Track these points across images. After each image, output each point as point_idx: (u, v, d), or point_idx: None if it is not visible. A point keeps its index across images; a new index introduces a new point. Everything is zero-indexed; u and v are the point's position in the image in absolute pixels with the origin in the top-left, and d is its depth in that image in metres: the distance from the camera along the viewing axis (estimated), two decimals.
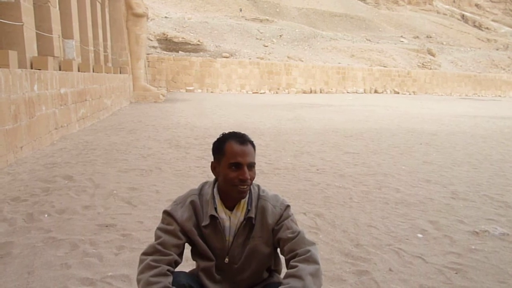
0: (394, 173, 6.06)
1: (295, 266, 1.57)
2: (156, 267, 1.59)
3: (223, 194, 1.71)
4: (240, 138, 1.69)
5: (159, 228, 1.72)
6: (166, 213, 1.73)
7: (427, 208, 4.42)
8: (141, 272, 1.61)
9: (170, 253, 1.65)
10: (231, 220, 1.71)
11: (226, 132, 1.76)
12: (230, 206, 1.71)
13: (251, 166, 1.66)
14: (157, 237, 1.70)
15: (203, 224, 1.70)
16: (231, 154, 1.65)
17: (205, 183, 1.81)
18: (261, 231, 1.69)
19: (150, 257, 1.63)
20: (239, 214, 1.71)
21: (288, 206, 1.75)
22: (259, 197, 1.74)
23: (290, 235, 1.67)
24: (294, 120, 13.07)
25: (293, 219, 1.75)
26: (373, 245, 3.36)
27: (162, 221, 1.73)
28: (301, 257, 1.61)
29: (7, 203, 4.20)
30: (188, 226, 1.70)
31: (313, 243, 1.68)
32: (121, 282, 2.68)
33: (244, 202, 1.71)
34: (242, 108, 17.37)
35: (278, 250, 1.79)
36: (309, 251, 1.62)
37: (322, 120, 13.26)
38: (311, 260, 1.60)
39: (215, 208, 1.70)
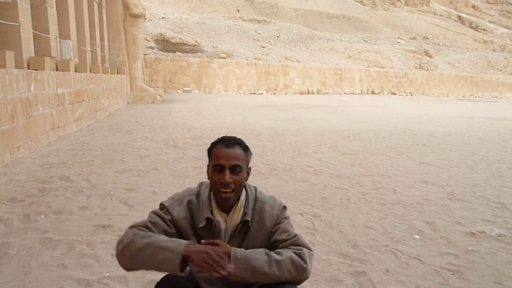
0: (391, 174, 6.08)
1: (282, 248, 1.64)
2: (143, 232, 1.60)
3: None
4: (228, 141, 1.68)
5: (154, 212, 1.72)
6: (163, 205, 1.74)
7: (424, 209, 4.43)
8: (124, 236, 1.58)
9: (147, 229, 1.64)
10: (227, 222, 1.70)
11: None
12: (226, 209, 1.71)
13: (235, 169, 1.63)
14: (150, 218, 1.69)
15: (200, 225, 1.70)
16: (215, 157, 1.66)
17: (202, 183, 1.81)
18: (257, 232, 1.69)
19: (139, 228, 1.62)
20: (235, 217, 1.70)
21: (284, 207, 1.76)
22: (256, 199, 1.74)
23: (285, 237, 1.67)
24: (292, 121, 13.07)
25: (289, 221, 1.75)
26: (370, 246, 3.36)
27: (159, 209, 1.74)
28: (292, 248, 1.63)
29: (3, 203, 4.18)
30: (183, 225, 1.70)
31: (309, 247, 1.68)
32: (118, 283, 2.67)
33: (241, 205, 1.70)
34: (239, 108, 17.37)
35: None
36: (301, 249, 1.63)
37: (319, 121, 13.27)
38: (301, 256, 1.61)
39: (211, 211, 1.70)
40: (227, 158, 1.64)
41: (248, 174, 1.73)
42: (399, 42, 48.01)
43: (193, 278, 1.77)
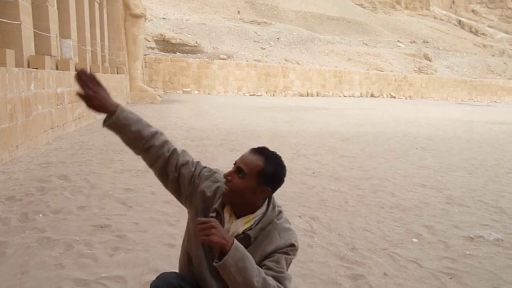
0: (389, 177, 6.08)
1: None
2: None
3: None
4: (256, 148, 1.67)
5: (199, 163, 1.80)
6: (204, 171, 1.78)
7: (422, 212, 4.43)
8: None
9: (183, 159, 1.75)
10: (231, 225, 1.66)
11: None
12: (238, 214, 1.67)
13: (239, 172, 1.60)
14: (197, 160, 1.80)
15: (210, 214, 1.68)
16: None
17: None
18: (256, 252, 1.59)
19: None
20: (239, 225, 1.64)
21: (293, 245, 1.63)
22: (271, 222, 1.66)
23: (273, 266, 1.56)
24: (291, 123, 13.08)
25: (288, 259, 1.62)
26: (368, 249, 3.36)
27: (203, 166, 1.80)
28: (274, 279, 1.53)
29: (1, 202, 4.17)
30: (199, 199, 1.72)
31: None
32: (115, 283, 2.67)
33: (252, 218, 1.65)
34: (239, 110, 17.38)
35: None
36: None
37: (319, 123, 13.28)
38: None
39: (223, 206, 1.68)
40: (241, 158, 1.64)
41: (263, 193, 1.63)
42: (399, 46, 48.12)
43: (190, 278, 1.76)
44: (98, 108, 1.68)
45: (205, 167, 1.81)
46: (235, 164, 1.65)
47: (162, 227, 3.65)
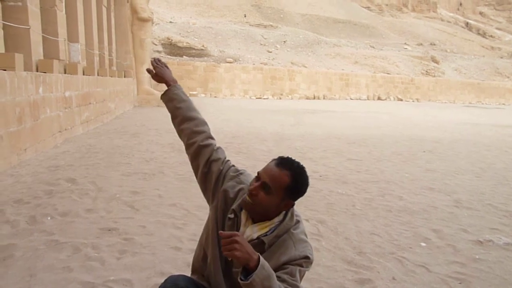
0: (397, 180, 6.05)
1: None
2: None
3: None
4: (282, 162, 1.63)
5: (229, 161, 1.85)
6: (230, 170, 1.82)
7: (431, 216, 4.40)
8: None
9: (216, 156, 1.82)
10: (246, 229, 1.65)
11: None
12: (254, 219, 1.66)
13: (266, 186, 1.58)
14: (226, 158, 1.86)
15: (228, 215, 1.68)
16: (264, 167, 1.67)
17: None
18: (268, 261, 1.54)
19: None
20: (255, 230, 1.63)
21: (307, 257, 1.62)
22: (288, 231, 1.65)
23: (287, 279, 1.54)
24: (297, 126, 13.06)
25: (302, 272, 1.60)
26: (376, 253, 3.34)
27: (232, 165, 1.84)
28: None
29: (10, 205, 4.20)
30: (221, 197, 1.73)
31: None
32: (123, 286, 2.67)
33: (268, 225, 1.64)
34: (245, 113, 17.39)
35: None
36: None
37: (325, 126, 13.25)
38: None
39: (241, 208, 1.67)
40: (266, 172, 1.61)
41: (286, 206, 1.65)
42: (406, 48, 47.94)
43: (200, 277, 1.77)
44: (160, 80, 2.08)
45: (233, 165, 1.83)
46: (258, 176, 1.62)
47: (169, 230, 3.65)
